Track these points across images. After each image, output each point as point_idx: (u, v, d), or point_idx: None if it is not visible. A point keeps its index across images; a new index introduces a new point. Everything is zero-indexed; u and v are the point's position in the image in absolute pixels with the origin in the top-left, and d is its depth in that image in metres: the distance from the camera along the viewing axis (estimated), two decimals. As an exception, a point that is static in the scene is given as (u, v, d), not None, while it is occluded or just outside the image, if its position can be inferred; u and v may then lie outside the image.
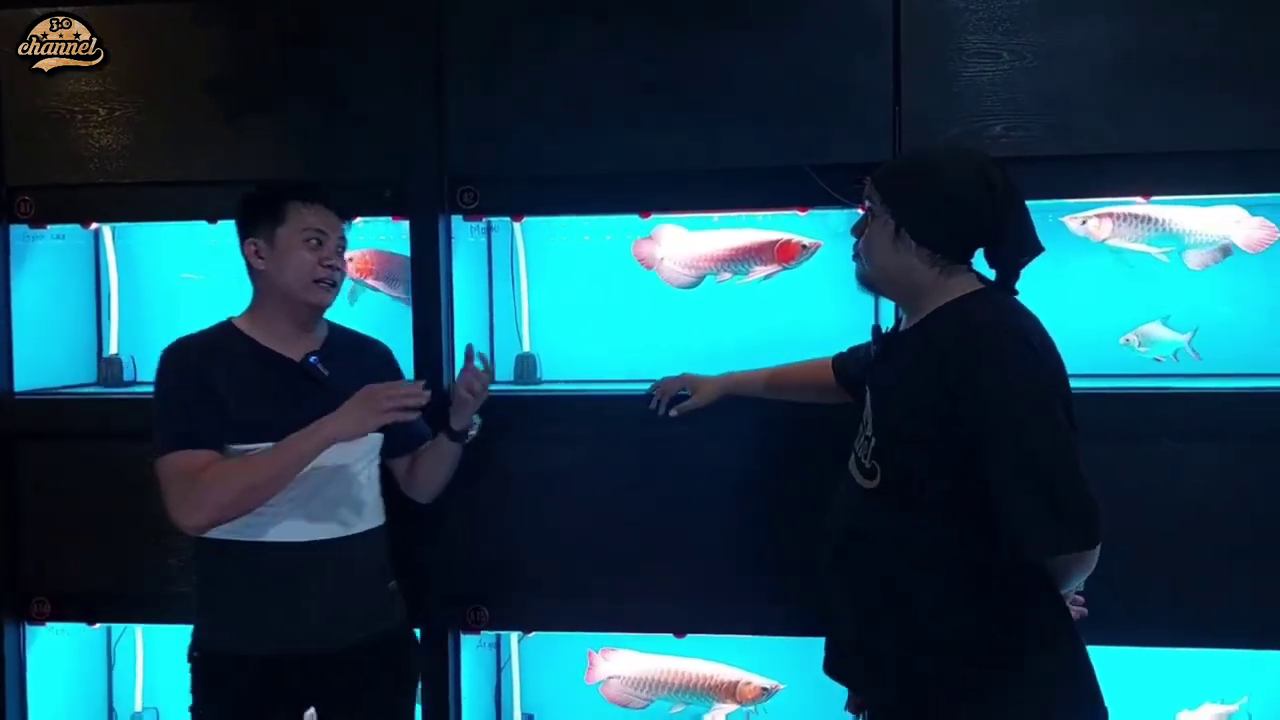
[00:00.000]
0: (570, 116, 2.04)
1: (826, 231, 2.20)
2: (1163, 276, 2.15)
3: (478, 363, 1.84)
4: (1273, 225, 2.07)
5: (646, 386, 2.05)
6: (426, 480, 1.91)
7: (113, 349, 2.42)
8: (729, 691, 2.20)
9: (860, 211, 2.03)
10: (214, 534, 1.67)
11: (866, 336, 2.11)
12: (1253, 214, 2.07)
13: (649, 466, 2.06)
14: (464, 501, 2.08)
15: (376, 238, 2.36)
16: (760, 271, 2.19)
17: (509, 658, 2.32)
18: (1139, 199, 2.00)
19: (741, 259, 2.19)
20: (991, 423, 1.36)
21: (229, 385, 1.67)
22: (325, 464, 1.67)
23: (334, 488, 1.72)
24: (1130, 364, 2.15)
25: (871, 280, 1.56)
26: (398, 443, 1.86)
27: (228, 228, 2.28)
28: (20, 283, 2.27)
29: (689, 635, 2.11)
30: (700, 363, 2.11)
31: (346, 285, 2.04)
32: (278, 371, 1.72)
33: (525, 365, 2.29)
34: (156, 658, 2.45)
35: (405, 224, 2.11)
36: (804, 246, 2.17)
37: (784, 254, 2.17)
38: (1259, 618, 1.92)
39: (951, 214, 1.46)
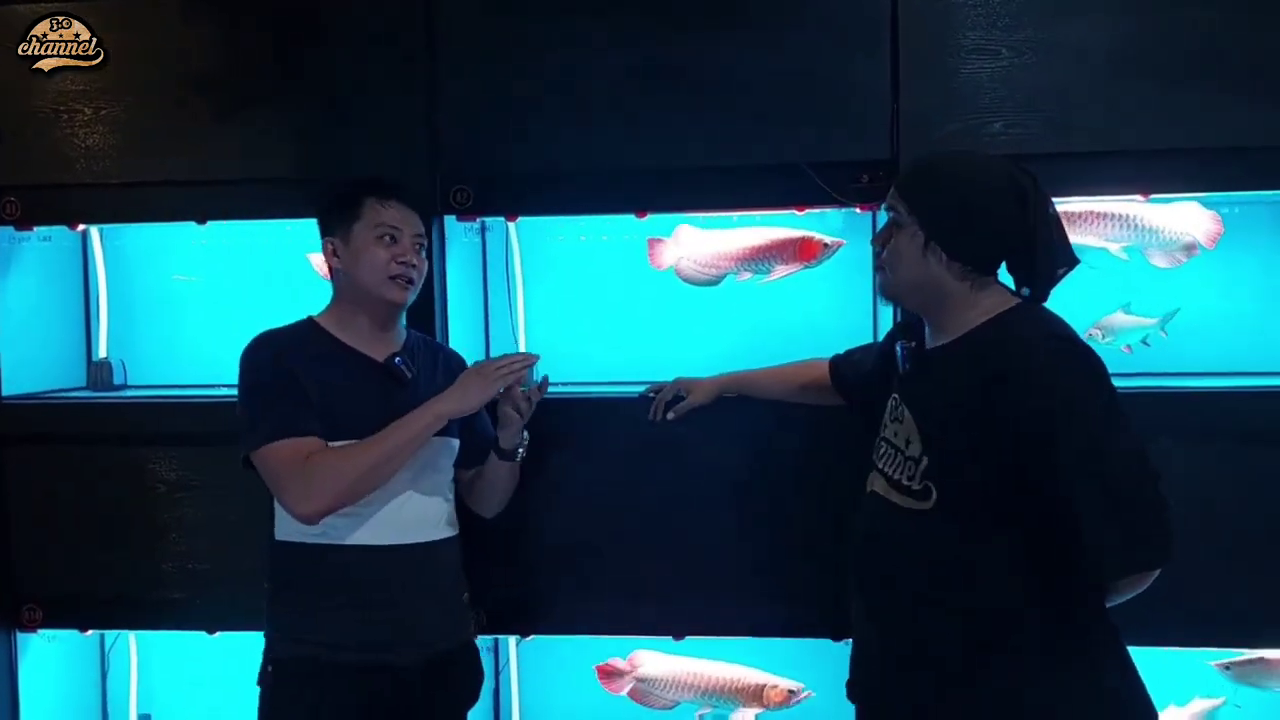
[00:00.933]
0: (565, 115, 2.01)
1: (825, 230, 2.19)
2: (1173, 275, 2.13)
3: (530, 384, 1.81)
4: (1219, 218, 2.06)
5: (643, 388, 2.04)
6: (488, 496, 1.91)
7: (102, 352, 2.39)
8: (755, 695, 2.17)
9: (858, 211, 2.03)
10: (295, 537, 1.65)
11: (865, 337, 2.12)
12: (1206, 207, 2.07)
13: (646, 468, 2.04)
14: (460, 504, 2.07)
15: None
16: (781, 270, 2.16)
17: (507, 661, 2.31)
18: (1139, 197, 1.99)
19: (762, 258, 2.17)
20: (1066, 443, 1.32)
21: (314, 382, 1.65)
22: (411, 468, 1.67)
23: (419, 492, 1.71)
24: (1124, 364, 2.14)
25: (896, 293, 1.52)
26: (472, 452, 1.85)
27: (218, 228, 2.30)
28: (7, 285, 2.25)
29: (687, 638, 2.10)
30: (697, 363, 2.09)
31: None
32: (361, 370, 1.71)
33: (521, 367, 2.27)
34: (150, 664, 2.43)
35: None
36: (825, 245, 2.15)
37: (805, 252, 2.15)
38: (1253, 618, 1.91)
39: (985, 227, 1.42)
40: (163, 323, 2.43)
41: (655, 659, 2.23)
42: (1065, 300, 1.49)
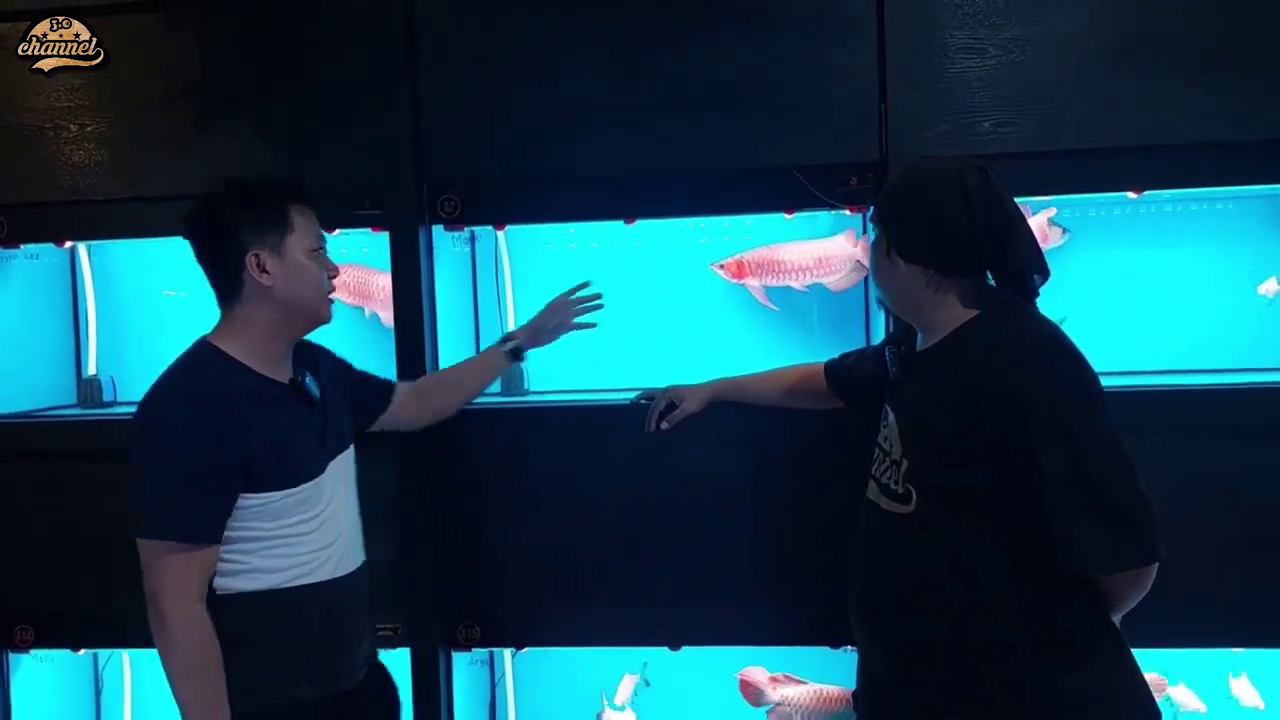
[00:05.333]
0: (551, 121, 2.00)
1: (815, 234, 2.17)
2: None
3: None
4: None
5: (634, 395, 2.02)
6: (457, 395, 1.91)
7: (91, 369, 2.38)
8: None
9: (847, 213, 2.02)
10: (243, 587, 1.51)
11: (857, 341, 2.11)
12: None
13: (639, 476, 2.02)
14: (453, 515, 2.05)
15: (359, 250, 2.32)
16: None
17: (503, 674, 2.29)
18: (1130, 194, 1.97)
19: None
20: (1044, 438, 1.31)
21: (247, 430, 1.47)
22: (339, 496, 1.60)
23: (352, 515, 1.66)
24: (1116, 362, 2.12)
25: (881, 301, 1.56)
26: (371, 408, 1.82)
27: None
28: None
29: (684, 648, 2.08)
30: (688, 369, 2.08)
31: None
32: (279, 401, 1.55)
33: (512, 376, 2.25)
34: (144, 682, 2.41)
35: (385, 235, 2.07)
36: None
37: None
38: (1247, 616, 1.89)
39: (932, 230, 1.42)
40: (152, 339, 2.41)
41: (794, 687, 2.15)
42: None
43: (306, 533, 1.55)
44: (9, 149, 2.13)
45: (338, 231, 2.16)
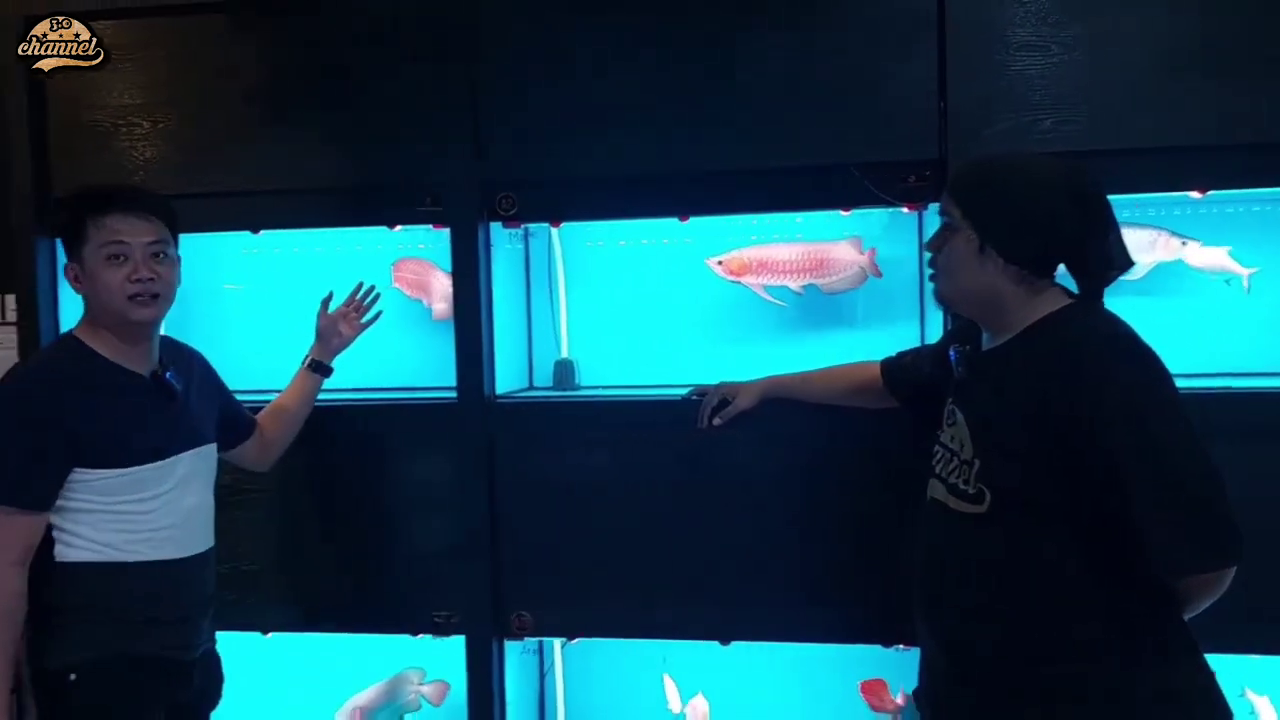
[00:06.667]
0: (609, 119, 2.01)
1: (869, 231, 2.17)
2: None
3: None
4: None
5: (685, 391, 2.03)
6: (288, 432, 2.00)
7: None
8: None
9: (905, 211, 2.00)
10: (77, 557, 1.63)
11: (911, 340, 2.10)
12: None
13: (689, 471, 2.03)
14: (506, 508, 2.08)
15: (415, 246, 2.36)
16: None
17: (552, 664, 2.31)
18: (1194, 193, 1.95)
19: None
20: (1122, 437, 1.30)
21: (84, 412, 1.61)
22: (188, 484, 1.70)
23: (204, 505, 1.76)
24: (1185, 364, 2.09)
25: (951, 298, 1.51)
26: (232, 433, 1.90)
27: (271, 237, 2.34)
28: (64, 298, 2.29)
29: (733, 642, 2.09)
30: (737, 365, 2.09)
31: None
32: (134, 389, 1.67)
33: (563, 371, 2.28)
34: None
35: (442, 231, 2.11)
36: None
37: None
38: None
39: (1041, 230, 1.40)
40: (217, 330, 2.47)
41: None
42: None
43: (141, 512, 1.65)
44: (82, 145, 2.19)
45: (399, 228, 2.21)
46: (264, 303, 2.44)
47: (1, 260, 2.34)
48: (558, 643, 2.29)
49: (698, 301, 2.30)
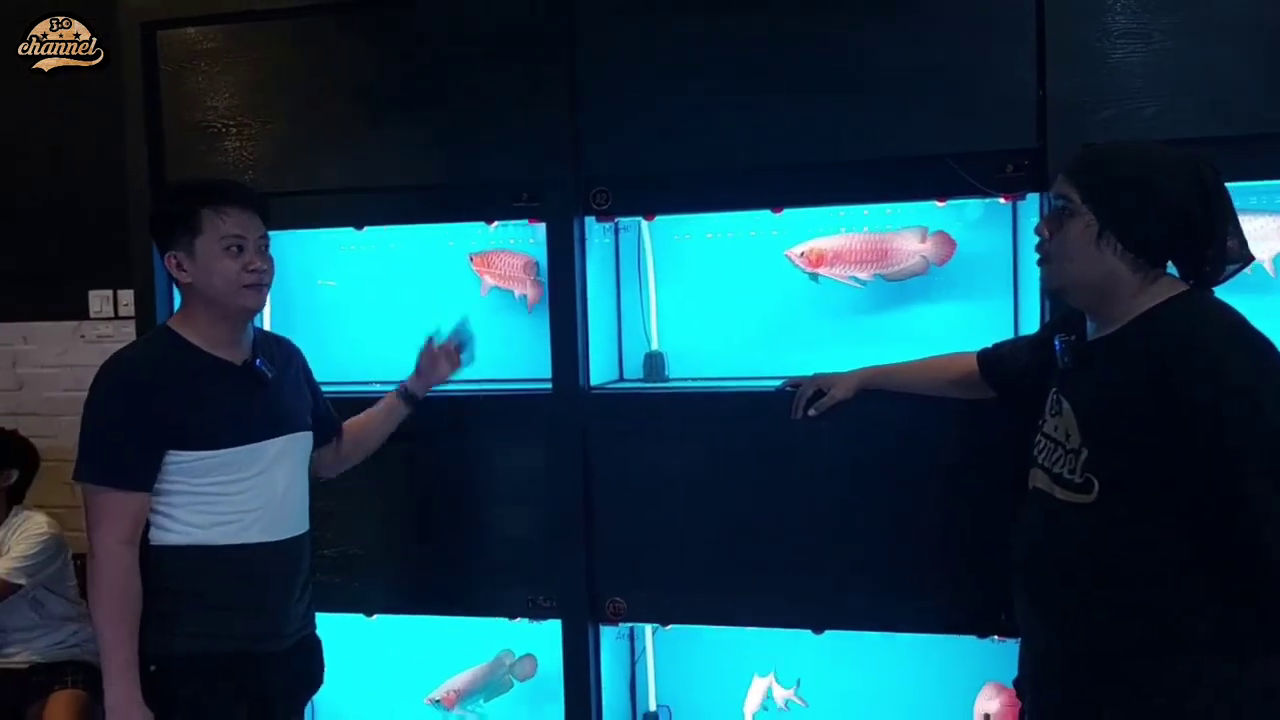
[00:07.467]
0: (701, 112, 2.04)
1: (962, 222, 2.16)
2: None
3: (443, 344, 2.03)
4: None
5: (775, 383, 2.05)
6: (364, 450, 2.02)
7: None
8: None
9: (1001, 201, 1.99)
10: (171, 540, 1.69)
11: (1005, 331, 2.09)
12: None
13: (778, 462, 2.05)
14: (600, 496, 2.13)
15: (507, 240, 2.42)
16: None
17: (643, 650, 2.36)
18: (1302, 180, 1.91)
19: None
20: (1236, 426, 1.30)
21: (176, 397, 1.67)
22: (279, 468, 1.74)
23: (296, 489, 1.79)
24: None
25: (1063, 284, 1.50)
26: (322, 434, 1.94)
27: (371, 233, 2.41)
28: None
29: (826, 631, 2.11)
30: (826, 358, 2.10)
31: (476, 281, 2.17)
32: (226, 377, 1.73)
33: (654, 363, 2.32)
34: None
35: (528, 224, 2.17)
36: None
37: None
38: None
39: (1166, 219, 1.40)
40: (314, 324, 2.55)
41: None
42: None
43: (230, 494, 1.70)
44: (196, 145, 2.29)
45: (496, 224, 2.27)
46: (358, 300, 2.52)
47: (118, 258, 2.47)
48: (649, 628, 2.33)
49: (785, 293, 2.31)
